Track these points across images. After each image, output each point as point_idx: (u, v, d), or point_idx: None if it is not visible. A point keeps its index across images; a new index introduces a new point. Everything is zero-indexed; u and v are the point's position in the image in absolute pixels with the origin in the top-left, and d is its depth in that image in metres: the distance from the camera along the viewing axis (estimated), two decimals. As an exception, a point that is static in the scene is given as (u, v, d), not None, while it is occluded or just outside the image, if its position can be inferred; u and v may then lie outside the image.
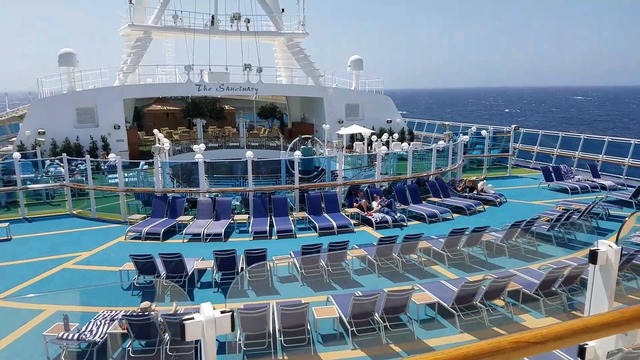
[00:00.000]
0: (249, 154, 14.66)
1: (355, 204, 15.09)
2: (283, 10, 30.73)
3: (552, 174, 19.15)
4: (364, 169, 19.70)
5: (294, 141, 19.73)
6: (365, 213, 14.55)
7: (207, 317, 1.51)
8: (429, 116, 55.12)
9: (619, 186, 18.20)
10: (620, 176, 19.54)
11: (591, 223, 13.89)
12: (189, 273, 9.49)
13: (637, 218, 14.48)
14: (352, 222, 14.35)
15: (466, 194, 17.43)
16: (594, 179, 18.98)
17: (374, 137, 22.80)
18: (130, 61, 26.99)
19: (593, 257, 1.78)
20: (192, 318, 1.49)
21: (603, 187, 18.01)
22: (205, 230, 12.87)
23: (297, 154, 15.02)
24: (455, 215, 15.44)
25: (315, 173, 18.05)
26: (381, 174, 18.50)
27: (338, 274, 10.26)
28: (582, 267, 9.17)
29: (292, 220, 14.01)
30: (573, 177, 19.48)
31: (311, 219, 13.89)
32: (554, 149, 22.74)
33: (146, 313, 6.81)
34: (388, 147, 23.36)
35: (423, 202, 16.57)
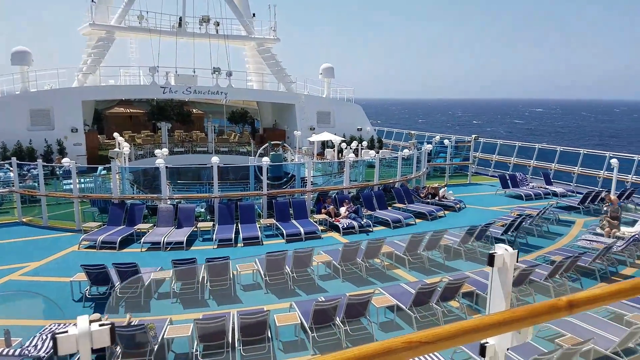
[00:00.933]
0: (215, 159, 14.75)
1: (323, 210, 15.54)
2: (254, 14, 30.94)
3: (509, 181, 20.21)
4: (333, 175, 20.20)
5: (262, 147, 20.00)
6: (333, 219, 15.02)
7: (81, 331, 1.44)
8: (402, 126, 56.36)
9: (569, 193, 19.42)
10: (571, 183, 20.83)
11: (542, 228, 14.83)
12: (145, 283, 9.45)
13: (584, 223, 15.62)
14: (320, 228, 14.77)
15: (429, 200, 18.20)
16: (547, 186, 20.20)
17: (343, 145, 23.35)
18: (91, 61, 26.40)
19: (491, 260, 1.90)
20: (67, 331, 1.43)
21: (555, 194, 19.19)
22: (166, 238, 12.72)
23: (266, 160, 15.32)
24: (418, 220, 16.14)
25: (285, 179, 18.40)
26: (351, 180, 19.08)
27: (303, 280, 10.63)
28: (531, 269, 9.92)
29: (260, 227, 14.23)
30: (528, 185, 20.63)
31: (279, 225, 14.21)
32: (511, 157, 23.94)
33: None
34: (358, 155, 23.99)
35: (389, 208, 17.21)
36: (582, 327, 7.76)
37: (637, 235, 12.27)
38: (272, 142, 22.06)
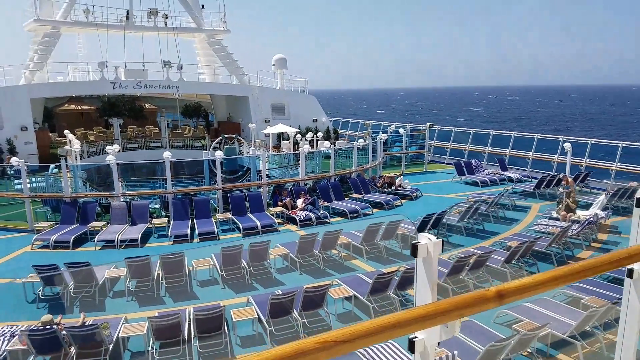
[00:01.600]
0: (167, 154, 14.18)
1: (280, 203, 15.13)
2: (203, 6, 29.98)
3: (464, 168, 20.46)
4: (290, 167, 19.80)
5: (216, 141, 19.33)
6: (290, 211, 14.65)
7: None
8: (362, 117, 56.54)
9: (524, 178, 19.83)
10: (526, 169, 21.32)
11: (498, 213, 15.02)
12: (99, 282, 8.98)
13: (540, 207, 15.96)
14: (277, 221, 14.39)
15: (385, 189, 18.13)
16: (502, 172, 20.56)
17: (298, 137, 22.97)
18: (37, 58, 24.94)
19: (414, 250, 1.73)
20: None
21: (510, 180, 19.55)
22: (120, 236, 12.24)
23: (219, 153, 14.77)
24: (375, 210, 16.01)
25: (240, 173, 17.84)
26: (308, 172, 18.74)
27: (260, 274, 10.26)
28: (487, 255, 9.92)
29: (215, 222, 13.75)
30: (483, 171, 20.95)
31: (235, 219, 13.74)
32: (465, 145, 24.29)
33: (47, 327, 6.37)
34: (314, 146, 23.67)
35: (345, 198, 17.00)
36: (539, 311, 7.76)
37: (591, 218, 12.55)
38: (225, 136, 21.40)
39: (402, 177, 19.26)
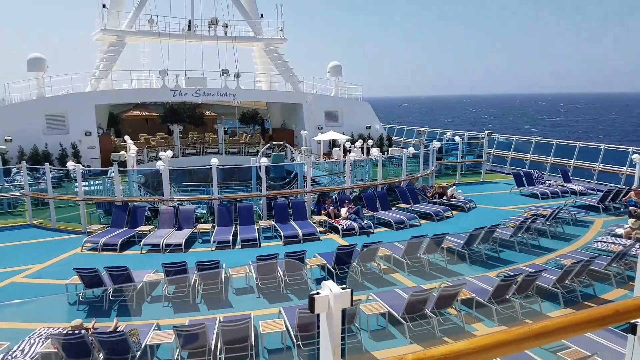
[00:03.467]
0: (214, 160, 14.54)
1: (323, 212, 15.01)
2: (262, 15, 30.70)
3: (524, 179, 19.26)
4: (339, 175, 19.65)
5: (263, 148, 19.60)
6: (333, 220, 14.47)
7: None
8: (427, 124, 55.12)
9: (589, 191, 18.34)
10: (591, 181, 19.71)
11: (556, 228, 13.93)
12: (137, 287, 9.25)
13: (604, 223, 14.63)
14: (320, 229, 14.28)
15: (436, 200, 17.45)
16: (565, 184, 19.13)
17: (347, 144, 22.78)
18: (103, 66, 26.67)
19: (311, 303, 1.50)
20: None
21: (573, 192, 18.13)
22: (165, 240, 12.60)
23: (264, 160, 14.93)
24: (423, 221, 15.44)
25: (288, 180, 17.93)
26: (357, 180, 18.48)
27: (296, 284, 10.13)
28: (537, 274, 9.17)
29: (258, 228, 13.86)
30: (544, 182, 19.62)
31: (277, 227, 13.78)
32: (527, 154, 22.90)
33: (76, 332, 6.60)
34: (367, 154, 23.36)
35: (392, 208, 16.56)
36: (589, 338, 7.02)
37: (658, 236, 11.33)
38: (273, 142, 21.64)
39: (454, 187, 18.46)
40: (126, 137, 24.27)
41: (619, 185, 17.68)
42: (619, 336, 7.02)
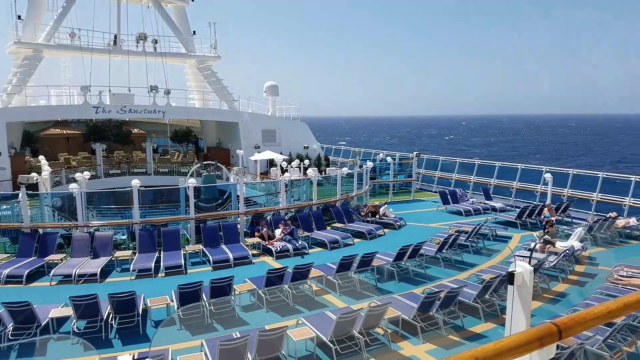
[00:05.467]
0: (135, 182, 13.85)
1: (257, 233, 14.79)
2: (194, 32, 30.21)
3: (449, 197, 20.23)
4: (276, 195, 19.51)
5: (194, 168, 19.07)
6: (267, 242, 14.28)
7: None
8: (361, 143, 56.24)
9: (508, 207, 19.60)
10: (510, 198, 21.09)
11: (478, 244, 14.69)
12: (42, 324, 8.41)
13: (521, 237, 15.64)
14: (253, 252, 14.02)
15: (369, 218, 17.83)
16: (486, 201, 20.35)
17: (283, 164, 22.76)
18: (16, 81, 24.72)
19: None
20: None
21: (494, 209, 19.29)
22: (78, 270, 11.65)
23: (192, 181, 14.46)
24: (356, 240, 15.69)
25: (220, 201, 17.51)
26: (294, 200, 18.44)
27: (222, 312, 9.78)
28: (458, 290, 9.54)
29: (185, 254, 13.29)
30: (468, 200, 20.72)
31: (206, 251, 13.32)
32: (452, 173, 24.13)
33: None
34: (304, 174, 23.43)
35: (327, 228, 16.70)
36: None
37: (567, 250, 12.26)
38: (204, 162, 21.13)
39: (386, 205, 18.98)
40: (40, 157, 22.45)
41: (534, 202, 19.04)
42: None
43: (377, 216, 18.02)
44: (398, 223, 17.54)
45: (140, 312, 9.20)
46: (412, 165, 24.31)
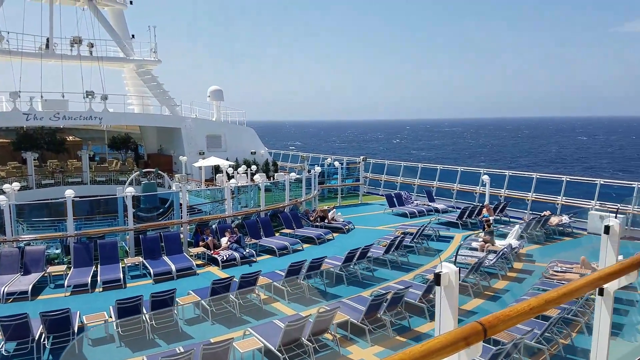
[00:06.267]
0: (69, 192, 13.04)
1: (201, 243, 14.34)
2: (133, 36, 29.11)
3: (395, 199, 20.69)
4: (222, 202, 19.05)
5: (132, 176, 18.25)
6: (212, 252, 13.88)
7: None
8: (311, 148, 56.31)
9: (449, 209, 20.29)
10: (451, 199, 21.88)
11: (422, 245, 15.07)
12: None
13: (462, 237, 16.21)
14: (198, 262, 13.58)
15: (318, 223, 17.83)
16: (430, 203, 20.99)
17: (230, 170, 22.34)
18: None
19: None
20: None
21: (437, 210, 19.92)
22: (6, 288, 10.79)
23: (130, 190, 13.82)
24: (306, 245, 15.62)
25: (162, 210, 16.83)
26: (242, 207, 18.08)
27: (164, 327, 9.35)
28: (404, 290, 9.70)
29: (123, 267, 12.63)
30: (412, 202, 21.28)
31: (146, 264, 12.73)
32: (398, 177, 24.71)
33: None
34: (252, 180, 23.06)
35: (276, 234, 16.53)
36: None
37: (505, 248, 12.82)
38: (143, 170, 20.33)
39: (334, 210, 19.08)
40: None
41: (473, 203, 19.84)
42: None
43: (326, 221, 18.06)
44: (347, 227, 17.67)
45: (76, 331, 8.62)
46: (359, 169, 24.66)
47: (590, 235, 15.69)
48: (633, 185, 16.99)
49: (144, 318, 9.02)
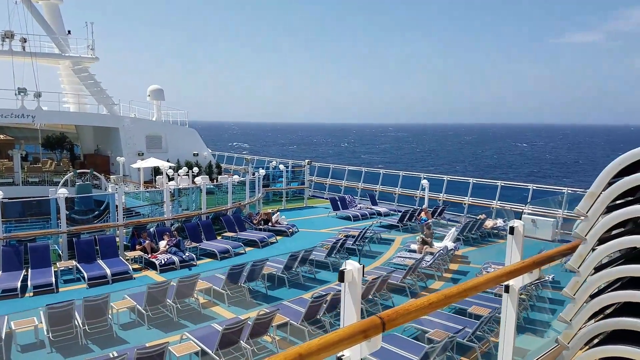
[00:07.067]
0: (-2, 193, 12.25)
1: (138, 246, 13.87)
2: (69, 32, 27.65)
3: (339, 203, 21.05)
4: (161, 205, 18.50)
5: (65, 177, 17.34)
6: (150, 255, 13.47)
7: None
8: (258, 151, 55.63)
9: (391, 212, 20.91)
10: (393, 203, 22.56)
11: (364, 247, 15.44)
12: None
13: (402, 240, 16.77)
14: (134, 266, 13.14)
15: (261, 226, 17.78)
16: (372, 207, 21.53)
17: (170, 171, 21.76)
18: None
19: None
20: None
21: (379, 214, 20.48)
22: None
23: (62, 192, 13.16)
24: (248, 248, 15.52)
25: (98, 212, 16.12)
26: (183, 209, 17.64)
27: (98, 332, 9.00)
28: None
29: (56, 271, 12.02)
30: (356, 206, 21.74)
31: (80, 267, 12.17)
32: (342, 180, 25.15)
33: None
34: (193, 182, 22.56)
35: (218, 238, 16.29)
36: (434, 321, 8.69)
37: (441, 250, 13.41)
38: (77, 171, 19.39)
39: (278, 213, 19.09)
40: None
41: (414, 206, 20.59)
42: (459, 318, 8.02)
43: (270, 224, 18.05)
44: (290, 230, 17.75)
45: (4, 337, 8.11)
46: (304, 172, 24.84)
47: (524, 237, 16.68)
48: (563, 191, 18.27)
49: (76, 323, 8.64)
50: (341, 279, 1.86)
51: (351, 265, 1.88)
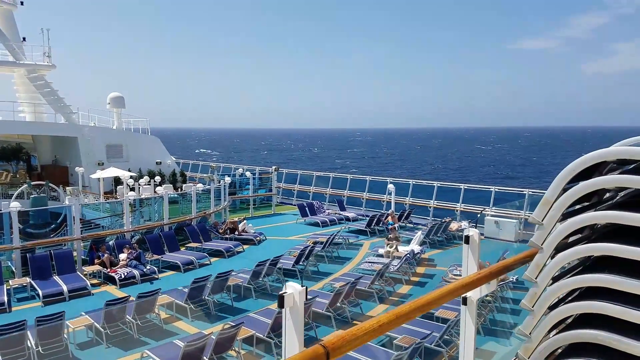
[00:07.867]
0: None
1: (97, 260, 13.27)
2: (24, 39, 26.48)
3: (307, 209, 20.89)
4: (122, 216, 17.82)
5: (19, 189, 16.49)
6: (109, 270, 12.90)
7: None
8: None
9: (359, 217, 20.90)
10: (361, 208, 22.60)
11: (333, 253, 15.32)
12: None
13: (370, 244, 16.74)
14: (93, 282, 12.55)
15: (227, 235, 17.39)
16: (341, 212, 21.48)
17: (130, 181, 21.04)
18: None
19: None
20: None
21: (347, 219, 20.43)
22: None
23: (15, 205, 12.47)
24: (214, 259, 15.12)
25: (54, 226, 15.38)
26: (146, 220, 17.02)
27: (52, 353, 8.48)
28: (311, 301, 9.73)
29: (9, 289, 11.32)
30: (324, 212, 21.62)
31: (34, 284, 11.51)
32: (310, 186, 25.02)
33: None
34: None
35: (181, 249, 15.82)
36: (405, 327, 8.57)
37: (408, 254, 13.43)
38: (32, 183, 18.50)
39: (245, 221, 18.74)
40: None
41: (381, 211, 20.66)
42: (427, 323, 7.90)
43: (237, 232, 17.68)
44: (258, 238, 17.44)
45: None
46: (271, 179, 24.56)
47: (487, 239, 16.97)
48: (524, 192, 18.71)
49: (29, 344, 8.10)
50: (281, 304, 1.70)
51: (292, 289, 1.72)
